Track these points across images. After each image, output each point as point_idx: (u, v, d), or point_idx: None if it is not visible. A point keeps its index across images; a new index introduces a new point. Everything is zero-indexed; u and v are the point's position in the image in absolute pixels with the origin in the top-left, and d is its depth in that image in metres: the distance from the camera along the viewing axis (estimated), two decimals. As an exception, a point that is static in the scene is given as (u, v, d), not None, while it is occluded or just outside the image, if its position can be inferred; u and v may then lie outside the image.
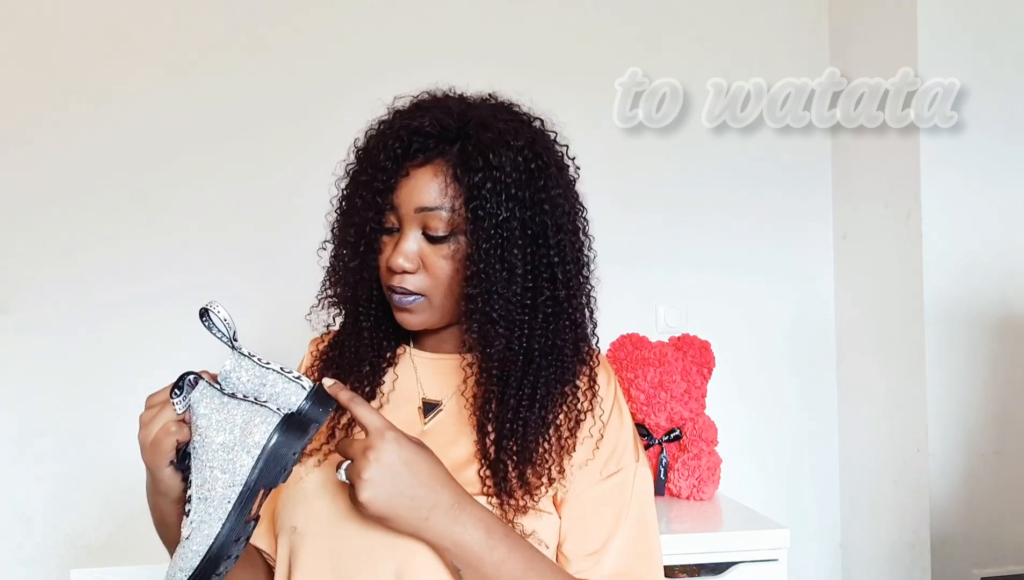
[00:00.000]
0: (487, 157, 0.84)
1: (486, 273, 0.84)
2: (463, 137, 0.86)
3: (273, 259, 1.99)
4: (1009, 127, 1.85)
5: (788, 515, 2.04)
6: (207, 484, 0.75)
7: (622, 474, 0.90)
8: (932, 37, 1.83)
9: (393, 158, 0.85)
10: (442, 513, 0.78)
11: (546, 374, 0.88)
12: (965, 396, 1.83)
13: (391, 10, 2.05)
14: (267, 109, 2.00)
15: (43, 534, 1.93)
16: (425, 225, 0.86)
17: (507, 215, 0.84)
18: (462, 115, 0.87)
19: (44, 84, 1.96)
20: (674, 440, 1.81)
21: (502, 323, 0.86)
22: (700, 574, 1.55)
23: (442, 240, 0.86)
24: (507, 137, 0.86)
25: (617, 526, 0.89)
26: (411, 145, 0.85)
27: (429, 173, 0.86)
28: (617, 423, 0.93)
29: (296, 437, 0.76)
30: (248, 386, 0.79)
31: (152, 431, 0.79)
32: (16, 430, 1.94)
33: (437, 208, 0.85)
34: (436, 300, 0.88)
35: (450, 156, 0.85)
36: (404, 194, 0.86)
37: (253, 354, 0.80)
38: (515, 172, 0.85)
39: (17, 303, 1.95)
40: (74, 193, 1.96)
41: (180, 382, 0.79)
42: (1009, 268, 1.85)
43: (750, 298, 2.15)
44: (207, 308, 0.79)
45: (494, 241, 0.84)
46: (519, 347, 0.87)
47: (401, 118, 0.88)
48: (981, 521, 1.82)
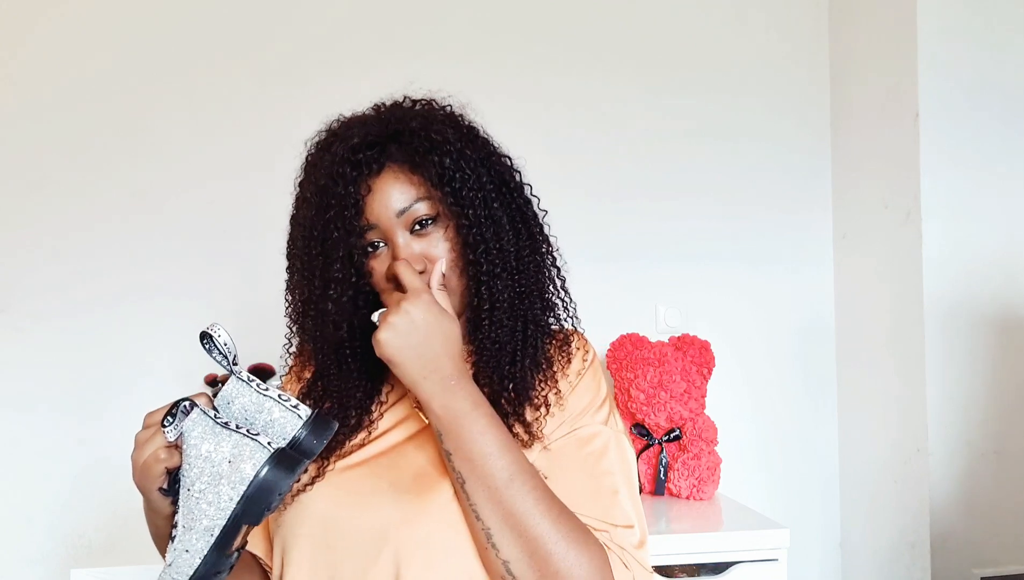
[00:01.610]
0: (429, 137, 0.88)
1: (481, 234, 0.88)
2: (394, 135, 0.89)
3: (274, 258, 1.98)
4: (1009, 127, 1.85)
5: (788, 515, 2.05)
6: (192, 514, 0.75)
7: (583, 431, 0.91)
8: (932, 37, 1.83)
9: (352, 181, 0.87)
10: (439, 379, 0.83)
11: (533, 312, 0.92)
12: (965, 396, 1.83)
13: (392, 8, 2.05)
14: (268, 107, 2.00)
15: (43, 534, 1.93)
16: (409, 224, 0.88)
17: (475, 177, 0.89)
18: (380, 119, 0.91)
19: (44, 84, 1.97)
20: (674, 440, 1.81)
21: (504, 275, 0.90)
22: (700, 574, 1.55)
23: (431, 228, 0.89)
24: (429, 116, 0.91)
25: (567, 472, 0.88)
26: (359, 162, 0.87)
27: (389, 177, 0.88)
28: (593, 383, 0.94)
29: (285, 474, 0.75)
30: (244, 414, 0.78)
31: (143, 455, 0.79)
32: (16, 430, 1.94)
33: (413, 202, 0.88)
34: (453, 284, 0.90)
35: (395, 156, 0.88)
36: (376, 208, 0.87)
37: (252, 379, 0.80)
38: (458, 139, 0.90)
39: (17, 303, 1.95)
40: (73, 193, 1.96)
41: (174, 408, 0.78)
42: (1009, 268, 1.85)
43: (750, 298, 2.15)
44: (208, 332, 0.79)
45: (476, 203, 0.88)
46: (514, 287, 0.91)
47: (333, 148, 0.90)
48: (981, 521, 1.82)
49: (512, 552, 0.81)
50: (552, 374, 0.92)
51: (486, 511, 0.81)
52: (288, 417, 0.77)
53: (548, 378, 0.91)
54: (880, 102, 1.98)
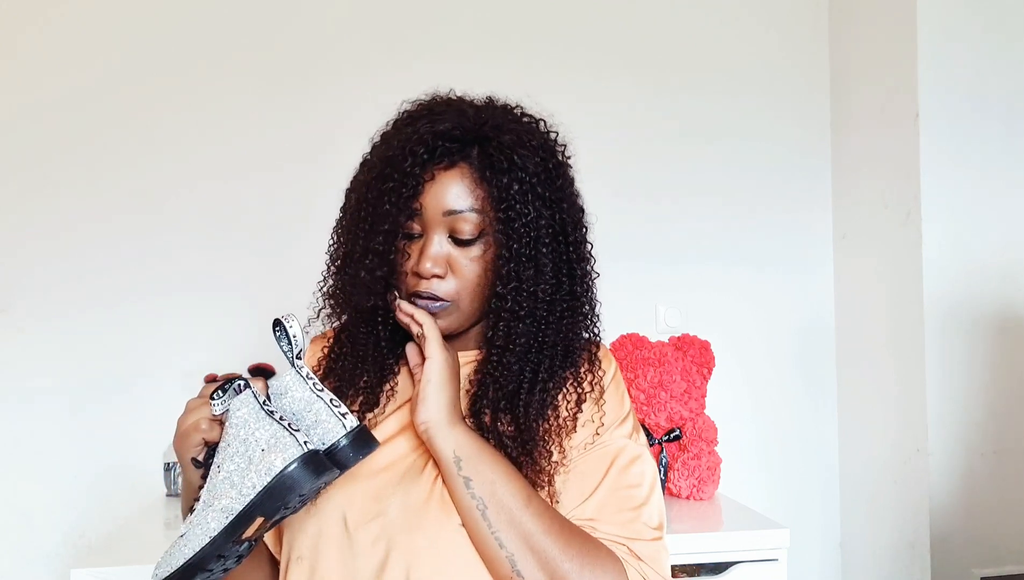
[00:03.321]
0: (511, 158, 0.86)
1: (516, 272, 0.86)
2: (481, 140, 0.87)
3: (275, 258, 1.99)
4: (1009, 127, 1.85)
5: (788, 515, 2.05)
6: (215, 491, 0.75)
7: (612, 444, 0.91)
8: (932, 37, 1.83)
9: (420, 163, 0.85)
10: (456, 418, 0.85)
11: (550, 361, 0.90)
12: (965, 396, 1.83)
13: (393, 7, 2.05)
14: (269, 108, 2.00)
15: (43, 534, 1.93)
16: (453, 229, 0.86)
17: (535, 214, 0.86)
18: (477, 118, 0.89)
19: (45, 84, 1.97)
20: (674, 440, 1.81)
21: (528, 320, 0.88)
22: (700, 574, 1.55)
23: (470, 243, 0.87)
24: (524, 138, 0.88)
25: (600, 483, 0.88)
26: (436, 149, 0.86)
27: (456, 176, 0.86)
28: (616, 399, 0.94)
29: (310, 477, 0.74)
30: (292, 409, 0.78)
31: (187, 421, 0.80)
32: (16, 430, 1.94)
33: (465, 210, 0.86)
34: (463, 304, 0.89)
35: (472, 159, 0.86)
36: (430, 198, 0.86)
37: (311, 377, 0.80)
38: (536, 172, 0.87)
39: (17, 303, 1.95)
40: (73, 193, 1.96)
41: (227, 384, 0.78)
42: (1009, 268, 1.85)
43: (750, 298, 2.15)
44: (281, 320, 0.79)
45: (524, 241, 0.86)
46: (538, 340, 0.89)
47: (421, 123, 0.88)
48: (981, 521, 1.82)
49: (535, 576, 0.81)
50: (559, 429, 0.90)
51: (509, 536, 0.81)
52: (333, 423, 0.77)
53: (553, 430, 0.89)
54: (880, 102, 1.98)
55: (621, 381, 0.97)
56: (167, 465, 1.86)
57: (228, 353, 1.93)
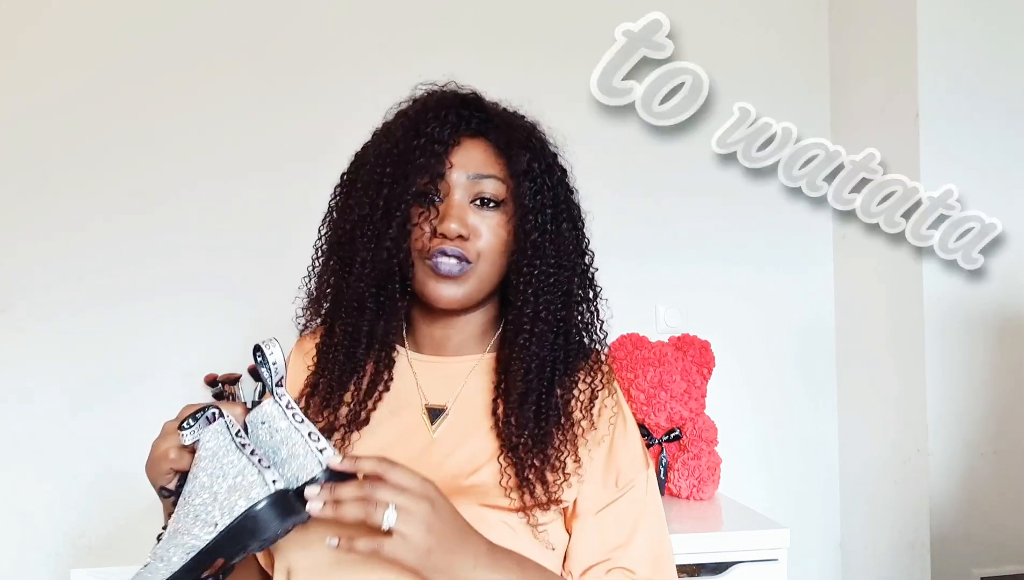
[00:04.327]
0: (529, 141, 0.90)
1: (535, 244, 0.88)
2: (505, 118, 0.92)
3: (275, 258, 1.98)
4: (1009, 127, 1.85)
5: (788, 515, 2.04)
6: (180, 523, 0.72)
7: (637, 486, 0.92)
8: (932, 37, 1.83)
9: (450, 124, 0.88)
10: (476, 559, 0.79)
11: (562, 355, 0.91)
12: (965, 396, 1.83)
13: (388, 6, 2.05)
14: (270, 108, 1.99)
15: (43, 534, 1.93)
16: (478, 192, 0.88)
17: (552, 194, 0.90)
18: (492, 107, 0.93)
19: (45, 84, 1.97)
20: (674, 440, 1.81)
21: (543, 294, 0.88)
22: (700, 574, 1.55)
23: (495, 208, 0.88)
24: (534, 129, 0.94)
25: (636, 529, 0.91)
26: (465, 116, 0.89)
27: (481, 144, 0.90)
28: (622, 430, 0.94)
29: (276, 519, 0.70)
30: (269, 440, 0.75)
31: (158, 448, 0.78)
32: (16, 430, 1.93)
33: (492, 176, 0.88)
34: (483, 269, 0.89)
35: (496, 133, 0.90)
36: (458, 160, 0.88)
37: (292, 407, 0.76)
38: (549, 159, 0.92)
39: (17, 303, 1.95)
40: (74, 193, 1.96)
41: (199, 412, 0.75)
42: (1009, 268, 1.85)
43: (750, 298, 2.15)
44: (260, 345, 0.77)
45: (544, 216, 0.88)
46: (541, 324, 0.89)
47: (445, 93, 0.92)
48: (981, 521, 1.82)
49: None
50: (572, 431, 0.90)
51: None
52: (310, 459, 0.73)
53: (569, 441, 0.89)
54: (880, 102, 1.98)
55: (623, 399, 0.97)
56: (167, 465, 1.86)
57: (228, 353, 1.92)
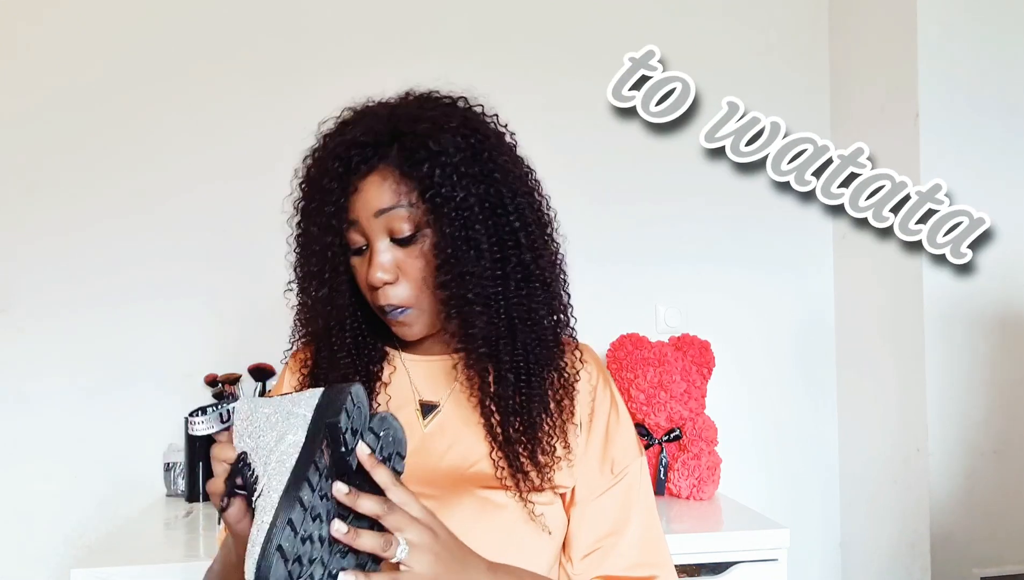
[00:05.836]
0: (428, 146, 0.84)
1: (455, 257, 0.84)
2: (398, 136, 0.86)
3: (274, 259, 1.98)
4: (1009, 127, 1.85)
5: (788, 515, 2.04)
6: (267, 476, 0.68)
7: (630, 475, 0.95)
8: (932, 37, 1.83)
9: (337, 177, 0.86)
10: None
11: (530, 341, 0.89)
12: (965, 396, 1.83)
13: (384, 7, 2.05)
14: (267, 108, 2.00)
15: (43, 534, 1.93)
16: (390, 229, 0.85)
17: (463, 194, 0.85)
18: (391, 116, 0.88)
19: (44, 84, 1.97)
20: (674, 440, 1.81)
21: (478, 302, 0.86)
22: (700, 574, 1.55)
23: (410, 240, 0.86)
24: (440, 122, 0.86)
25: (631, 516, 0.94)
26: (351, 160, 0.85)
27: (377, 180, 0.85)
28: (615, 420, 0.96)
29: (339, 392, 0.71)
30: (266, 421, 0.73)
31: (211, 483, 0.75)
32: (16, 430, 1.93)
33: (396, 206, 0.85)
34: (424, 304, 0.88)
35: (391, 158, 0.85)
36: (359, 207, 0.86)
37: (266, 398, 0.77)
38: (459, 152, 0.85)
39: (17, 303, 1.95)
40: (73, 193, 1.96)
41: (207, 407, 0.75)
42: (1009, 267, 1.85)
43: (750, 298, 2.15)
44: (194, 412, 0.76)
45: (457, 223, 0.84)
46: (499, 320, 0.87)
47: (333, 139, 0.89)
48: (981, 521, 1.82)
49: None
50: (561, 421, 0.91)
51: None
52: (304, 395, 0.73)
53: (557, 426, 0.90)
54: (880, 102, 1.98)
55: (614, 386, 0.99)
56: (167, 465, 1.86)
57: (228, 354, 1.93)
